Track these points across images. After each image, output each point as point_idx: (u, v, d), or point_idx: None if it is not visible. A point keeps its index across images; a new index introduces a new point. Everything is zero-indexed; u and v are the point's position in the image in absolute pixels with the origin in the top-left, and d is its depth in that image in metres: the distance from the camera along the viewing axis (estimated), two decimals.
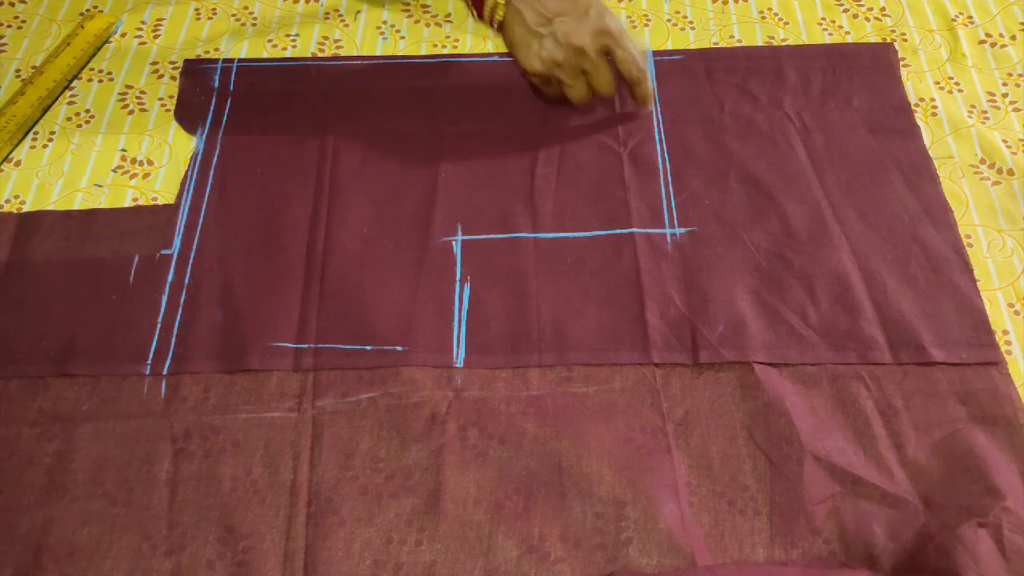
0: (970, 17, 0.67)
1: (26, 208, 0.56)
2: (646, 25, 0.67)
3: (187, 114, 0.60)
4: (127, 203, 0.56)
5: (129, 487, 0.45)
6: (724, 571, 0.42)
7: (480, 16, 0.58)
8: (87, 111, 0.61)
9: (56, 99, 0.61)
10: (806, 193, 0.56)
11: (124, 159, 0.58)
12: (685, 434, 0.47)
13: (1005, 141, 0.59)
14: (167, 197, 0.56)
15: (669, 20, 0.67)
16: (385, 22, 0.67)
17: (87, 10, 0.67)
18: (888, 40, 0.65)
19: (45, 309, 0.51)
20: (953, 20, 0.67)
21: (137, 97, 0.62)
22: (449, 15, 0.68)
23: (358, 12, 0.67)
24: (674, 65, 0.63)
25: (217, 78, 0.62)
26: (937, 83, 0.63)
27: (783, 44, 0.65)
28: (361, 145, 0.59)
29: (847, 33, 0.66)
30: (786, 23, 0.67)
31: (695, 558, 0.43)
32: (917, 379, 0.48)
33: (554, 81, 0.58)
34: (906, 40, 0.66)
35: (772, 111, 0.61)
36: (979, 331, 0.50)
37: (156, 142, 0.59)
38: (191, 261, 0.53)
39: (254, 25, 0.66)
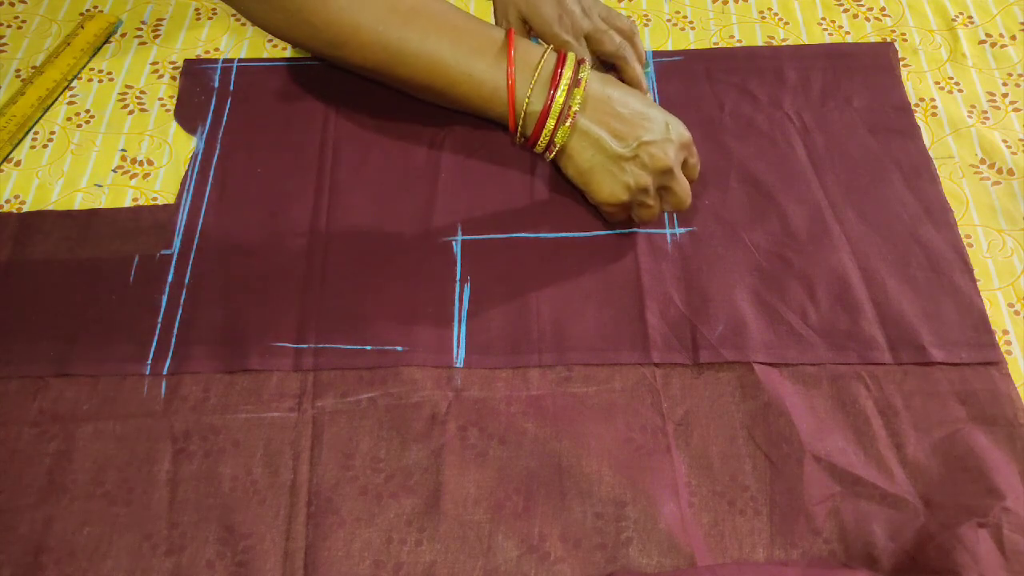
0: (970, 17, 0.67)
1: (26, 208, 0.56)
2: (646, 25, 0.67)
3: (187, 114, 0.60)
4: (127, 203, 0.56)
5: (129, 487, 0.45)
6: (724, 571, 0.42)
7: (531, 145, 0.52)
8: (87, 111, 0.61)
9: (56, 99, 0.61)
10: (806, 193, 0.56)
11: (124, 159, 0.58)
12: (685, 434, 0.47)
13: (1005, 141, 0.59)
14: (167, 197, 0.56)
15: (669, 20, 0.67)
16: None
17: (87, 10, 0.67)
18: (888, 40, 0.65)
19: (45, 309, 0.51)
20: (953, 20, 0.67)
21: (137, 97, 0.62)
22: None
23: None
24: (674, 65, 0.63)
25: (217, 78, 0.62)
26: (937, 83, 0.63)
27: (783, 44, 0.65)
28: (361, 145, 0.59)
29: (847, 33, 0.66)
30: (786, 23, 0.67)
31: (695, 558, 0.43)
32: (917, 379, 0.48)
33: (633, 206, 0.52)
34: (906, 40, 0.66)
35: (772, 111, 0.61)
36: (979, 331, 0.50)
37: (156, 142, 0.59)
38: (191, 261, 0.53)
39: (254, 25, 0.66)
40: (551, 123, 0.50)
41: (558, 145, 0.51)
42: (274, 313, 0.51)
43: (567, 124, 0.50)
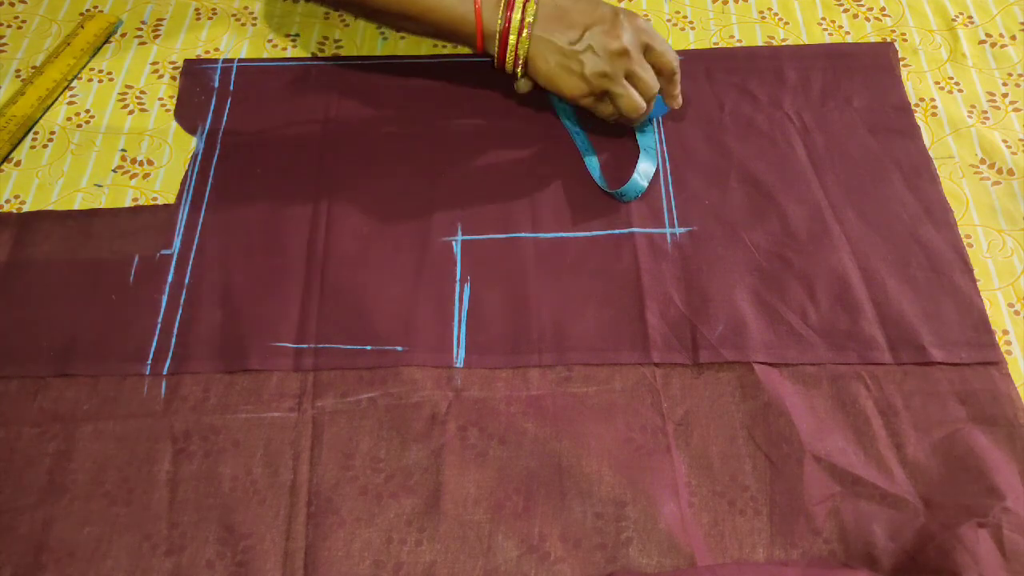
0: (970, 17, 0.67)
1: (26, 208, 0.56)
2: None
3: (187, 114, 0.60)
4: (127, 203, 0.56)
5: (129, 487, 0.45)
6: (724, 571, 0.42)
7: (502, 63, 0.56)
8: (87, 111, 0.61)
9: (56, 99, 0.61)
10: (806, 193, 0.56)
11: (124, 159, 0.58)
12: (685, 434, 0.47)
13: (1005, 141, 0.59)
14: (167, 197, 0.56)
15: (669, 20, 0.67)
16: None
17: (87, 10, 0.67)
18: (888, 40, 0.65)
19: (45, 309, 0.51)
20: (953, 20, 0.67)
21: (137, 97, 0.62)
22: None
23: None
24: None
25: (217, 78, 0.62)
26: (937, 83, 0.63)
27: (783, 44, 0.65)
28: (361, 145, 0.59)
29: (847, 33, 0.66)
30: (786, 23, 0.67)
31: (695, 558, 0.43)
32: (917, 379, 0.48)
33: (606, 97, 0.55)
34: (906, 40, 0.66)
35: (772, 111, 0.61)
36: (979, 331, 0.50)
37: (156, 142, 0.59)
38: (191, 261, 0.53)
39: (254, 25, 0.66)
40: (513, 39, 0.54)
41: (522, 58, 0.55)
42: (274, 313, 0.51)
43: (524, 35, 0.54)
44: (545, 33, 0.54)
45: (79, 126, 0.60)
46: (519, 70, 0.56)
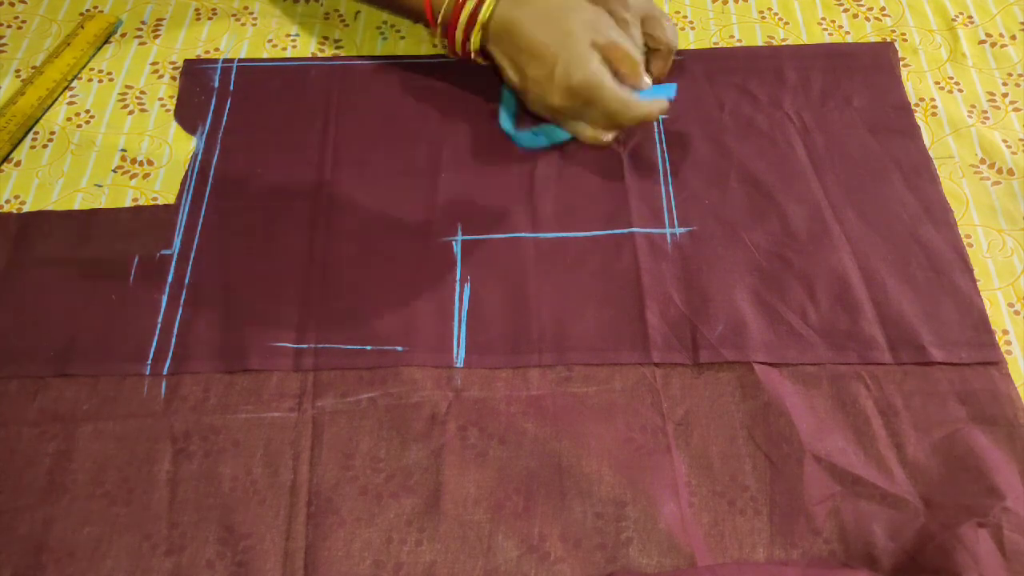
0: (970, 17, 0.67)
1: (26, 208, 0.56)
2: None
3: (187, 114, 0.60)
4: (127, 203, 0.56)
5: (129, 487, 0.45)
6: (724, 571, 0.42)
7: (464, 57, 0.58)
8: (87, 111, 0.61)
9: (56, 99, 0.61)
10: (806, 193, 0.56)
11: (124, 159, 0.58)
12: (685, 434, 0.47)
13: (1005, 141, 0.59)
14: (167, 197, 0.56)
15: None
16: (385, 22, 0.67)
17: (87, 10, 0.67)
18: (888, 40, 0.65)
19: (45, 309, 0.51)
20: (953, 20, 0.67)
21: (137, 97, 0.62)
22: None
23: (358, 12, 0.67)
24: (674, 65, 0.63)
25: (217, 78, 0.62)
26: (937, 83, 0.63)
27: (783, 44, 0.65)
28: (361, 145, 0.59)
29: (847, 33, 0.66)
30: (786, 23, 0.67)
31: (695, 558, 0.43)
32: (917, 379, 0.48)
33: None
34: (906, 40, 0.66)
35: (772, 111, 0.61)
36: (979, 331, 0.50)
37: (156, 142, 0.59)
38: (191, 261, 0.53)
39: (254, 25, 0.66)
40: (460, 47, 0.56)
41: (475, 59, 0.57)
42: (274, 313, 0.51)
43: (473, 57, 0.57)
44: (498, 55, 0.56)
45: (79, 126, 0.60)
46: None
